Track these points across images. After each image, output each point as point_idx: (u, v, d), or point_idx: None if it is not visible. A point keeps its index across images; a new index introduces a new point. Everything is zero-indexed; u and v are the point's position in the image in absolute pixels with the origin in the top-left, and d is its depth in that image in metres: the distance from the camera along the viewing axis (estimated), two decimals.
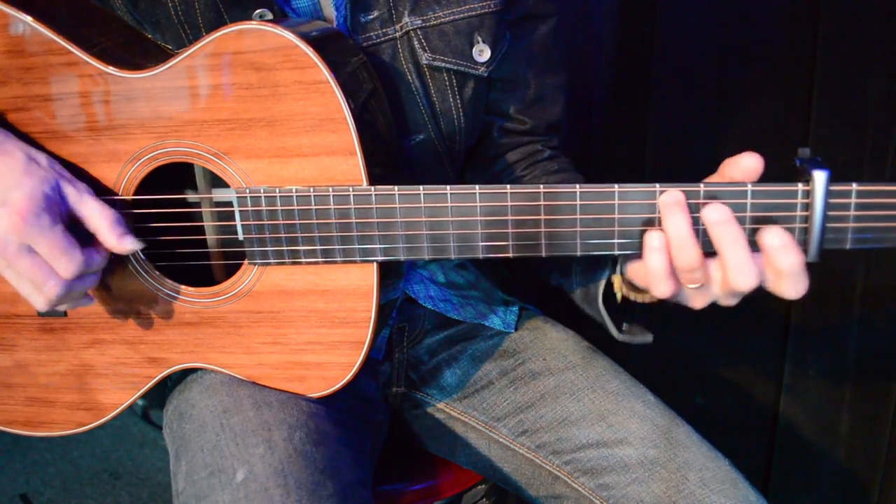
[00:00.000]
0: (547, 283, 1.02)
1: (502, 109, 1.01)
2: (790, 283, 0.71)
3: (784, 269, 0.70)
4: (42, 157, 0.79)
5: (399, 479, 1.11)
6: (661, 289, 0.74)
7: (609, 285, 0.87)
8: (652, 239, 0.73)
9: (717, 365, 1.55)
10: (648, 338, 0.85)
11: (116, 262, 0.85)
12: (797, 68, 1.33)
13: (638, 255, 0.78)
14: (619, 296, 0.85)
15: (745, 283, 0.71)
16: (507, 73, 0.99)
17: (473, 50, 0.93)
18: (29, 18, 0.80)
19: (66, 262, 0.75)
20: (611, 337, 0.89)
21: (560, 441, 0.97)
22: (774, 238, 0.70)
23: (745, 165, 0.72)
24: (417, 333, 1.10)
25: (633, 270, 0.81)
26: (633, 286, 0.84)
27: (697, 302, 0.76)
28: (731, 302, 0.76)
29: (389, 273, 0.87)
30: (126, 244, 0.79)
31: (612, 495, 0.91)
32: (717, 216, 0.71)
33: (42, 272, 0.75)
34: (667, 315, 0.86)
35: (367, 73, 0.86)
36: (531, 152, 1.04)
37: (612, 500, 0.91)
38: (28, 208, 0.73)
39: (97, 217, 0.78)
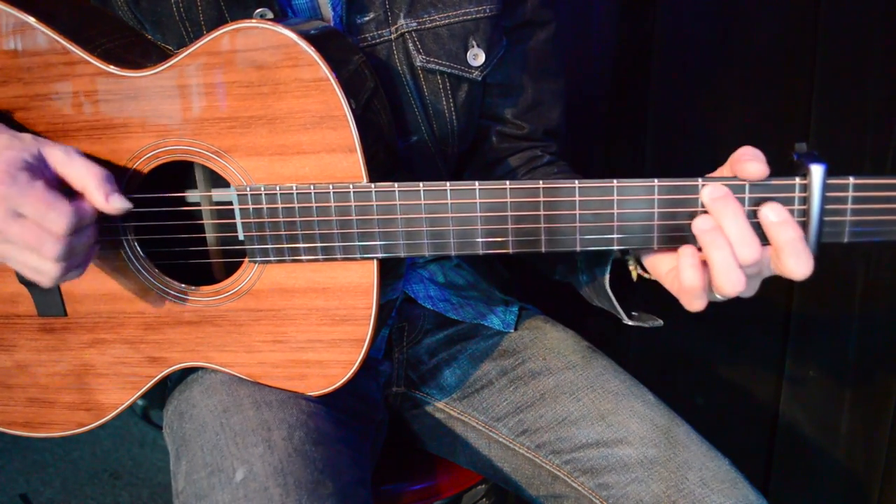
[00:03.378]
0: (551, 279, 1.02)
1: (500, 114, 1.02)
2: (793, 259, 0.70)
3: (783, 245, 0.70)
4: (26, 135, 0.77)
5: (399, 479, 1.11)
6: (697, 305, 0.74)
7: (616, 271, 0.86)
8: (686, 256, 0.72)
9: (717, 365, 1.55)
10: (658, 322, 0.83)
11: (116, 260, 0.86)
12: (797, 68, 1.34)
13: (651, 250, 0.78)
14: (634, 275, 0.84)
15: (748, 255, 0.70)
16: (505, 78, 0.99)
17: (468, 54, 0.94)
18: (31, 19, 0.80)
19: (56, 216, 0.72)
20: (611, 337, 0.89)
21: (560, 441, 0.97)
22: (772, 213, 0.70)
23: (749, 170, 0.72)
24: (417, 333, 1.10)
25: (653, 265, 0.80)
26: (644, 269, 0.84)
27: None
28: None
29: (389, 273, 0.87)
30: (114, 202, 0.76)
31: (611, 495, 0.91)
32: (717, 192, 0.71)
33: (35, 234, 0.72)
34: (667, 315, 0.86)
35: (368, 71, 0.86)
36: (530, 157, 1.04)
37: (612, 500, 0.91)
38: (3, 171, 0.71)
39: (84, 175, 0.76)
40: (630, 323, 0.87)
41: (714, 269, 0.70)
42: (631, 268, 0.85)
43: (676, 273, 0.74)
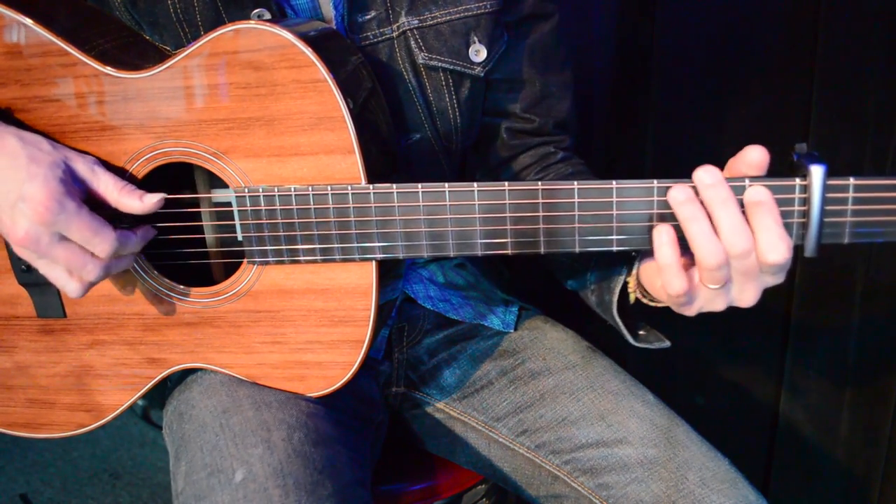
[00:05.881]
0: (563, 287, 1.02)
1: (509, 109, 1.02)
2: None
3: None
4: (39, 138, 0.77)
5: (399, 479, 1.11)
6: (675, 284, 0.73)
7: (623, 291, 0.86)
8: (661, 234, 0.72)
9: (717, 365, 1.55)
10: (665, 343, 0.84)
11: None
12: (797, 68, 1.33)
13: (649, 255, 0.78)
14: (632, 297, 0.85)
15: (738, 245, 0.69)
16: (511, 72, 0.99)
17: (470, 50, 0.94)
18: (28, 21, 0.80)
19: (100, 241, 0.75)
20: (611, 337, 0.89)
21: (560, 441, 0.97)
22: (755, 194, 0.69)
23: (751, 159, 0.71)
24: (417, 333, 1.10)
25: (647, 277, 0.80)
26: (646, 292, 0.84)
27: (717, 304, 0.75)
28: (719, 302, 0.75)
29: (388, 274, 0.87)
30: (150, 200, 0.79)
31: (611, 495, 0.91)
32: (709, 179, 0.70)
33: (79, 257, 0.76)
34: (667, 315, 0.86)
35: (366, 72, 0.86)
36: (543, 155, 1.04)
37: (612, 500, 0.91)
38: (49, 197, 0.73)
39: (112, 189, 0.78)
40: (637, 344, 0.87)
41: (692, 243, 0.70)
42: (630, 290, 0.84)
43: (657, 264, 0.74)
